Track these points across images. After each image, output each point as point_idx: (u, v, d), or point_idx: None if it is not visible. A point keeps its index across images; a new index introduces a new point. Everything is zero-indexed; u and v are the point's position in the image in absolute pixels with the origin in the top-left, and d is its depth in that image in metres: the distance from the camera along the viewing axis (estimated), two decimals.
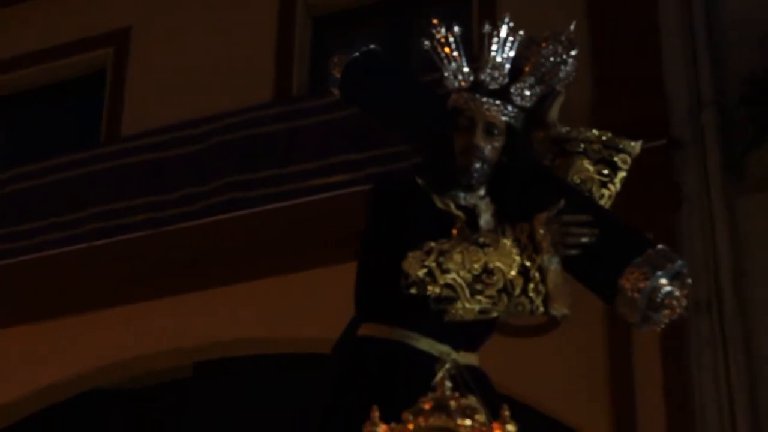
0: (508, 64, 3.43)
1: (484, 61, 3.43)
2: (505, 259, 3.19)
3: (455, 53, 3.44)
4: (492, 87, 3.42)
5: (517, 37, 3.45)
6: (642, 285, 3.15)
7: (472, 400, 2.98)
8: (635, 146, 3.59)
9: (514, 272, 3.18)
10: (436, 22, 3.49)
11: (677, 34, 7.88)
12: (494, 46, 3.42)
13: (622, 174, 3.56)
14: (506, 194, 3.42)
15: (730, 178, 7.34)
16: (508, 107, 3.42)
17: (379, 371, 3.26)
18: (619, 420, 6.94)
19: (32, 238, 8.69)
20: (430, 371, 3.07)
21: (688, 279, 3.21)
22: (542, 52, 3.49)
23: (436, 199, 3.39)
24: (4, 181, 9.07)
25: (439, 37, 3.46)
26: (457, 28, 3.46)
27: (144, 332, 8.23)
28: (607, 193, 3.54)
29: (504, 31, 3.44)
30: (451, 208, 3.39)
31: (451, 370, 3.13)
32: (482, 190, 3.43)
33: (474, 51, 3.49)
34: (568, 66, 3.51)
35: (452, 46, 3.45)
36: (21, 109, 10.11)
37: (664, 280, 3.16)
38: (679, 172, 7.50)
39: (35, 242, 8.66)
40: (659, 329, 3.29)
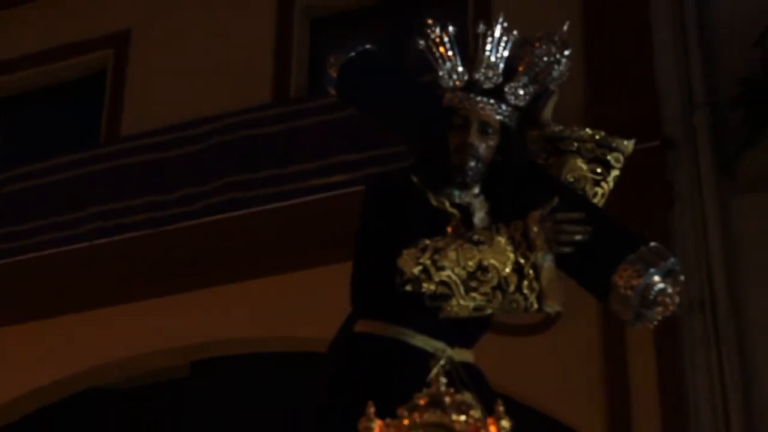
0: (502, 63, 3.45)
1: (478, 61, 3.45)
2: (500, 257, 3.20)
3: (450, 53, 3.46)
4: (486, 86, 3.44)
5: (511, 37, 3.47)
6: (635, 282, 3.17)
7: (467, 396, 2.96)
8: (628, 145, 3.61)
9: (508, 269, 3.20)
10: (430, 22, 3.51)
11: (669, 35, 7.90)
12: (488, 46, 3.45)
13: (615, 172, 3.58)
14: (500, 192, 3.44)
15: (722, 177, 7.37)
16: (503, 106, 3.44)
17: (374, 368, 3.27)
18: (614, 419, 6.96)
19: (32, 237, 8.70)
20: (425, 368, 3.11)
21: (681, 276, 3.23)
22: (536, 51, 3.51)
23: (431, 197, 3.40)
24: (4, 181, 9.08)
25: (433, 36, 3.48)
26: (452, 28, 3.49)
27: (141, 331, 8.24)
28: (600, 191, 3.55)
29: (498, 31, 3.46)
30: (446, 206, 3.40)
31: (446, 367, 3.16)
32: (477, 189, 3.45)
33: (470, 52, 3.51)
34: (561, 65, 3.54)
35: (447, 46, 3.47)
36: (21, 111, 10.12)
37: (657, 278, 3.18)
38: (672, 172, 7.52)
39: (35, 242, 8.67)
40: (652, 326, 3.31)
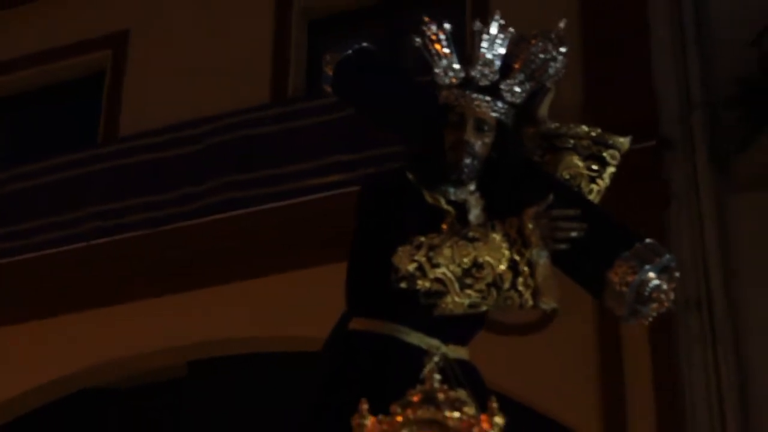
0: (498, 61, 3.45)
1: (474, 58, 3.45)
2: (495, 254, 3.20)
3: (446, 50, 3.46)
4: (482, 83, 3.44)
5: (508, 35, 3.47)
6: (630, 278, 3.17)
7: (462, 393, 2.93)
8: (624, 142, 3.61)
9: (503, 266, 3.19)
10: (427, 19, 3.51)
11: (667, 34, 7.91)
12: (485, 43, 3.44)
13: (611, 169, 3.58)
14: (496, 189, 3.44)
15: (719, 177, 7.38)
16: (499, 103, 3.44)
17: (369, 365, 3.27)
18: (609, 416, 6.97)
19: (30, 237, 8.71)
20: (419, 365, 3.10)
21: (676, 273, 3.23)
22: (532, 49, 3.50)
23: (427, 195, 3.40)
24: (4, 181, 9.09)
25: (430, 34, 3.48)
26: (448, 26, 3.49)
27: (139, 331, 8.25)
28: (596, 188, 3.55)
29: (494, 29, 3.46)
30: (441, 203, 3.40)
31: (440, 363, 3.15)
32: (472, 186, 3.45)
33: (468, 51, 3.51)
34: (557, 63, 3.53)
35: (443, 43, 3.47)
36: (20, 110, 10.14)
37: (652, 274, 3.18)
38: (669, 171, 7.53)
39: (33, 241, 8.68)
40: (647, 323, 3.30)
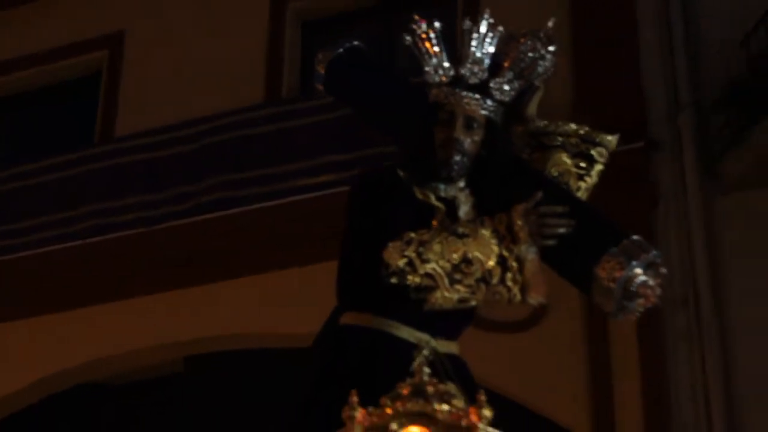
0: (487, 59, 3.48)
1: (464, 57, 3.48)
2: (484, 249, 3.22)
3: (436, 48, 3.49)
4: (472, 82, 3.47)
5: (497, 33, 3.50)
6: (617, 274, 3.21)
7: (451, 386, 2.98)
8: (612, 140, 3.65)
9: (492, 262, 3.22)
10: (417, 18, 3.54)
11: (656, 35, 7.94)
12: (474, 42, 3.47)
13: (599, 167, 3.62)
14: (485, 186, 3.47)
15: (706, 177, 7.41)
16: (488, 101, 3.47)
17: (359, 360, 3.29)
18: (598, 412, 7.00)
19: (27, 235, 8.74)
20: (409, 358, 3.14)
21: (663, 269, 3.27)
22: (521, 47, 3.54)
23: (417, 191, 3.43)
24: (1, 180, 9.12)
25: (420, 33, 3.51)
26: (438, 24, 3.51)
27: (135, 328, 8.27)
28: (584, 185, 3.59)
29: (484, 27, 3.48)
30: (431, 200, 3.43)
31: (430, 357, 3.19)
32: (462, 183, 3.48)
33: (458, 50, 3.54)
34: (546, 61, 3.57)
35: (433, 42, 3.49)
36: (18, 110, 10.16)
37: (639, 270, 3.22)
38: (657, 172, 7.56)
39: (30, 239, 8.71)
40: (635, 318, 3.34)
